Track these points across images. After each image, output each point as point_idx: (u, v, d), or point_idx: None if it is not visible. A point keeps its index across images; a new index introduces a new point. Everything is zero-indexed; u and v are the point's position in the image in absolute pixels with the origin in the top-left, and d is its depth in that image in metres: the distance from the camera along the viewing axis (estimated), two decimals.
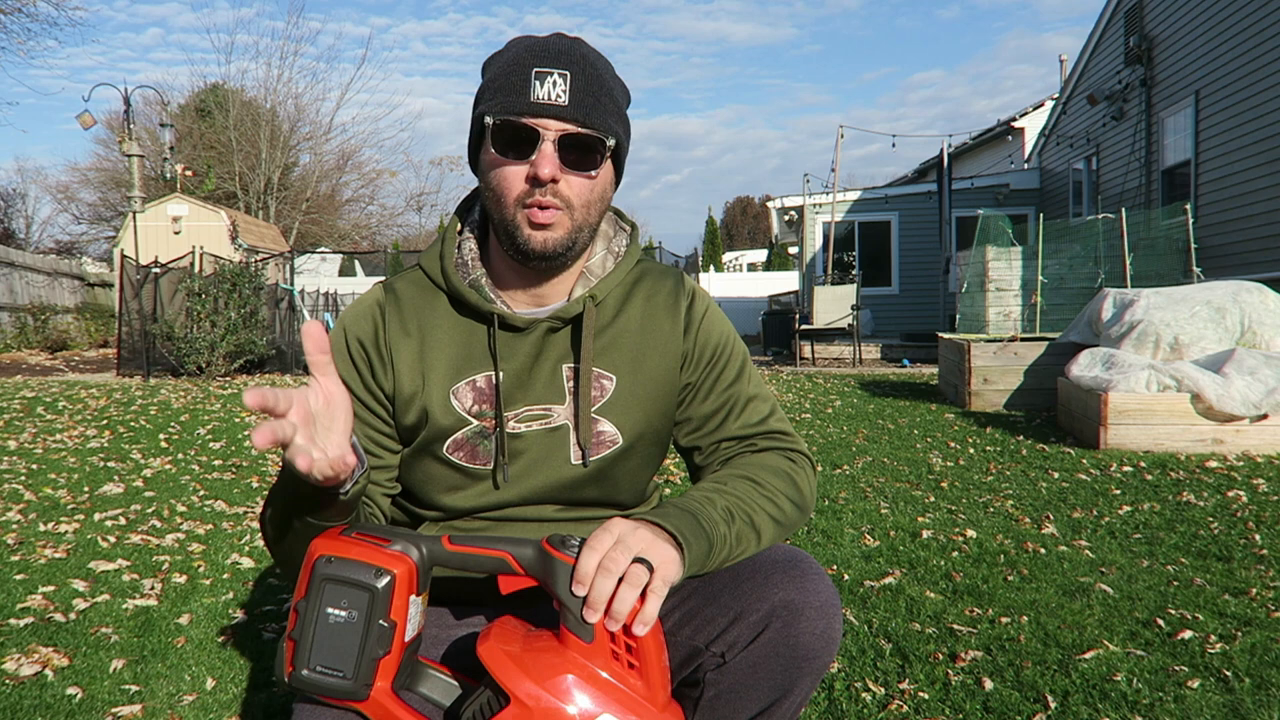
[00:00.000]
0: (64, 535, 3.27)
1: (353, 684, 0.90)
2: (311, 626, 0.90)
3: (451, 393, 1.15)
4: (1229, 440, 4.53)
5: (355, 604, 0.89)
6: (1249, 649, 2.07)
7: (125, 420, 6.39)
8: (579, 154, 1.07)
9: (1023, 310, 10.25)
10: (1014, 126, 17.20)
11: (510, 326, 1.14)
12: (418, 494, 1.20)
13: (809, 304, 12.93)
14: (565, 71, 1.05)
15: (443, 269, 1.17)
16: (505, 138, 1.06)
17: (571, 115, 1.04)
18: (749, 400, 1.23)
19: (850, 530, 3.22)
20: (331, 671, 0.90)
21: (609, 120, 1.08)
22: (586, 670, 0.88)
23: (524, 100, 1.04)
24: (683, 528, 0.97)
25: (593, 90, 1.07)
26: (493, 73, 1.09)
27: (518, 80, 1.05)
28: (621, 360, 1.18)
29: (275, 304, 11.76)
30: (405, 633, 0.92)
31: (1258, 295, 5.22)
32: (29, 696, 1.93)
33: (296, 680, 0.90)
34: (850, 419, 6.17)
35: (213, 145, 27.38)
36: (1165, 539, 3.02)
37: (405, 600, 0.91)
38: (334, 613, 0.90)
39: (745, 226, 57.33)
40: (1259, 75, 8.77)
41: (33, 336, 15.34)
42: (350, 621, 0.89)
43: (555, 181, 1.05)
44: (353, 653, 0.90)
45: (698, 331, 1.22)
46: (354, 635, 0.89)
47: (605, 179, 1.12)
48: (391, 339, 1.15)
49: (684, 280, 1.26)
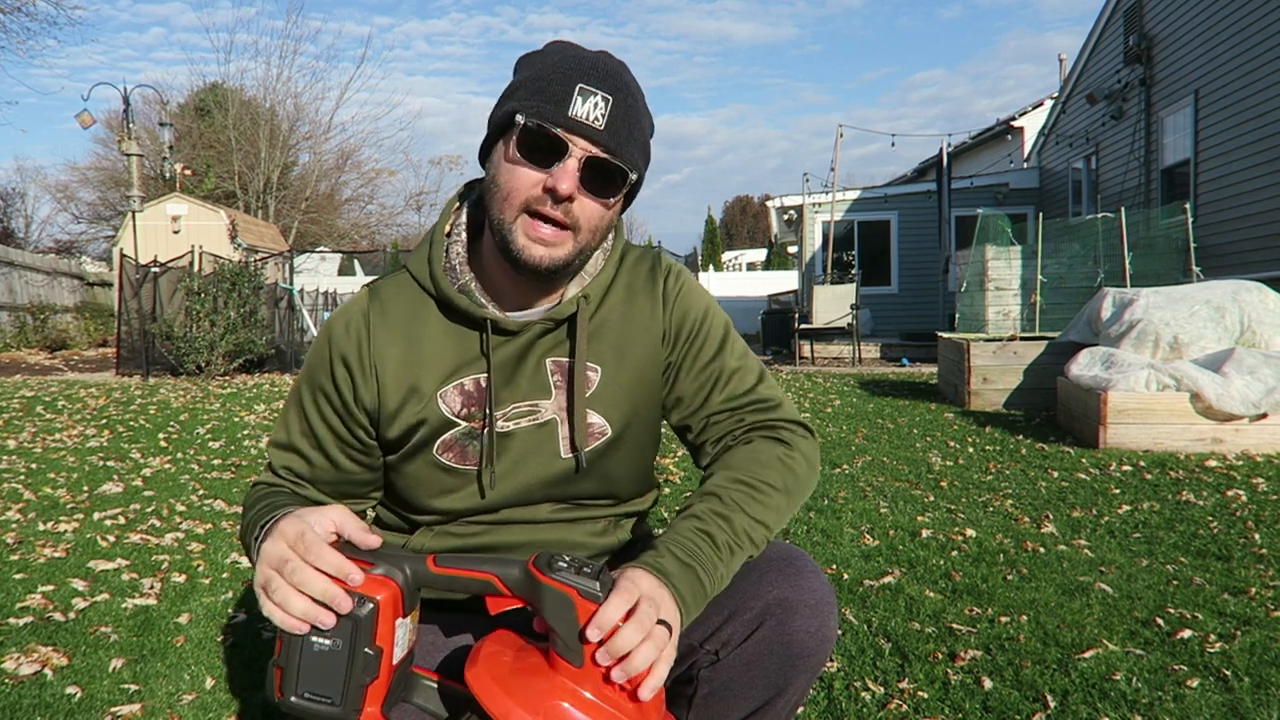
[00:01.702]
0: (63, 534, 3.26)
1: (341, 710, 0.89)
2: (297, 655, 0.89)
3: (439, 396, 1.13)
4: (1228, 439, 4.53)
5: (339, 632, 0.88)
6: (1248, 648, 2.07)
7: (124, 419, 6.39)
8: (601, 180, 1.05)
9: (1022, 309, 10.25)
10: (1013, 126, 17.20)
11: (503, 331, 1.13)
12: (409, 498, 1.19)
13: (808, 303, 12.93)
14: (609, 95, 1.03)
15: (431, 274, 1.14)
16: (532, 142, 1.03)
17: (604, 140, 1.03)
18: (734, 372, 1.21)
19: (849, 529, 3.22)
20: (319, 698, 0.89)
21: (635, 153, 1.08)
22: (577, 696, 0.86)
23: (562, 111, 1.02)
24: (685, 592, 0.96)
25: (629, 121, 1.06)
26: (532, 73, 1.06)
27: (559, 89, 1.03)
28: (605, 350, 1.17)
29: (274, 303, 11.76)
30: (393, 656, 0.91)
31: (1257, 294, 5.22)
32: (28, 696, 1.93)
33: (285, 706, 0.90)
34: (850, 418, 6.17)
35: (212, 144, 27.37)
36: (1165, 538, 3.02)
37: (390, 625, 0.90)
38: (318, 641, 0.88)
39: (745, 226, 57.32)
40: (1258, 75, 8.77)
41: (32, 336, 15.33)
42: (335, 649, 0.88)
43: (571, 200, 1.04)
44: (339, 680, 0.89)
45: (674, 306, 1.21)
46: (339, 662, 0.88)
47: (617, 208, 1.12)
48: (377, 351, 1.13)
49: (660, 259, 1.24)
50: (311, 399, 1.16)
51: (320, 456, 1.16)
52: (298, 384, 1.19)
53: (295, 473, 1.17)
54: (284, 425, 1.19)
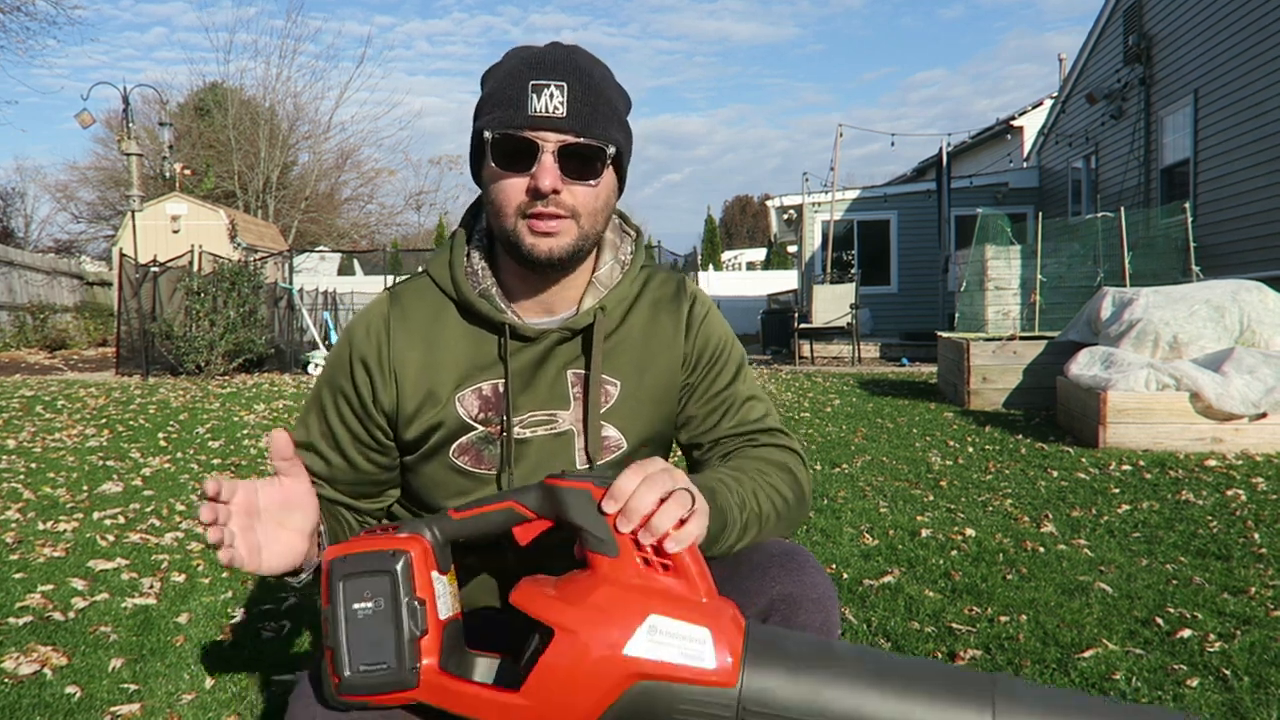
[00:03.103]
0: (63, 534, 3.26)
1: (399, 672, 0.87)
2: (342, 627, 0.88)
3: (457, 399, 1.16)
4: (1228, 439, 4.53)
5: (379, 591, 0.88)
6: (1248, 647, 2.07)
7: (124, 419, 6.39)
8: (580, 164, 1.07)
9: (1022, 309, 10.25)
10: (1013, 125, 17.20)
11: (521, 336, 1.15)
12: (426, 500, 1.22)
13: (808, 303, 12.92)
14: (562, 82, 1.05)
15: (453, 278, 1.17)
16: (505, 151, 1.07)
17: (570, 126, 1.05)
18: (746, 400, 1.25)
19: (849, 529, 3.22)
20: (375, 667, 0.87)
21: (608, 128, 1.09)
22: (620, 582, 0.85)
23: (522, 114, 1.05)
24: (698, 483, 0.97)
25: (590, 100, 1.07)
26: (490, 86, 1.10)
27: (515, 93, 1.06)
28: (626, 366, 1.20)
29: (274, 303, 11.75)
30: (438, 611, 0.90)
31: (1257, 294, 5.22)
32: (28, 695, 1.93)
33: (345, 687, 0.88)
34: (849, 418, 6.17)
35: (211, 144, 27.36)
36: (1164, 538, 3.02)
37: (428, 577, 0.89)
38: (360, 607, 0.88)
39: (744, 226, 57.32)
40: (1258, 74, 8.77)
41: (32, 335, 15.32)
42: (379, 610, 0.88)
43: (556, 193, 1.06)
44: (390, 640, 0.87)
45: (698, 334, 1.24)
46: (386, 622, 0.87)
47: (608, 186, 1.13)
48: (397, 354, 1.16)
49: (685, 284, 1.28)
50: (332, 401, 1.19)
51: (338, 457, 1.20)
52: (318, 385, 1.22)
53: (313, 472, 1.19)
54: (304, 425, 1.22)
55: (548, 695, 0.83)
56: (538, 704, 0.83)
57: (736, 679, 0.80)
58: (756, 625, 0.87)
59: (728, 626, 0.83)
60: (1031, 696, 0.80)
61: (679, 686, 0.81)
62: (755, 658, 0.82)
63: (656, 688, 0.81)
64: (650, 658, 0.81)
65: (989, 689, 0.80)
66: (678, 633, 0.82)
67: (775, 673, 0.81)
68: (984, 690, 0.80)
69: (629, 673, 0.81)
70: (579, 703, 0.82)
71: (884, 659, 0.84)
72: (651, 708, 0.81)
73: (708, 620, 0.82)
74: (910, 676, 0.81)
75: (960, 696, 0.79)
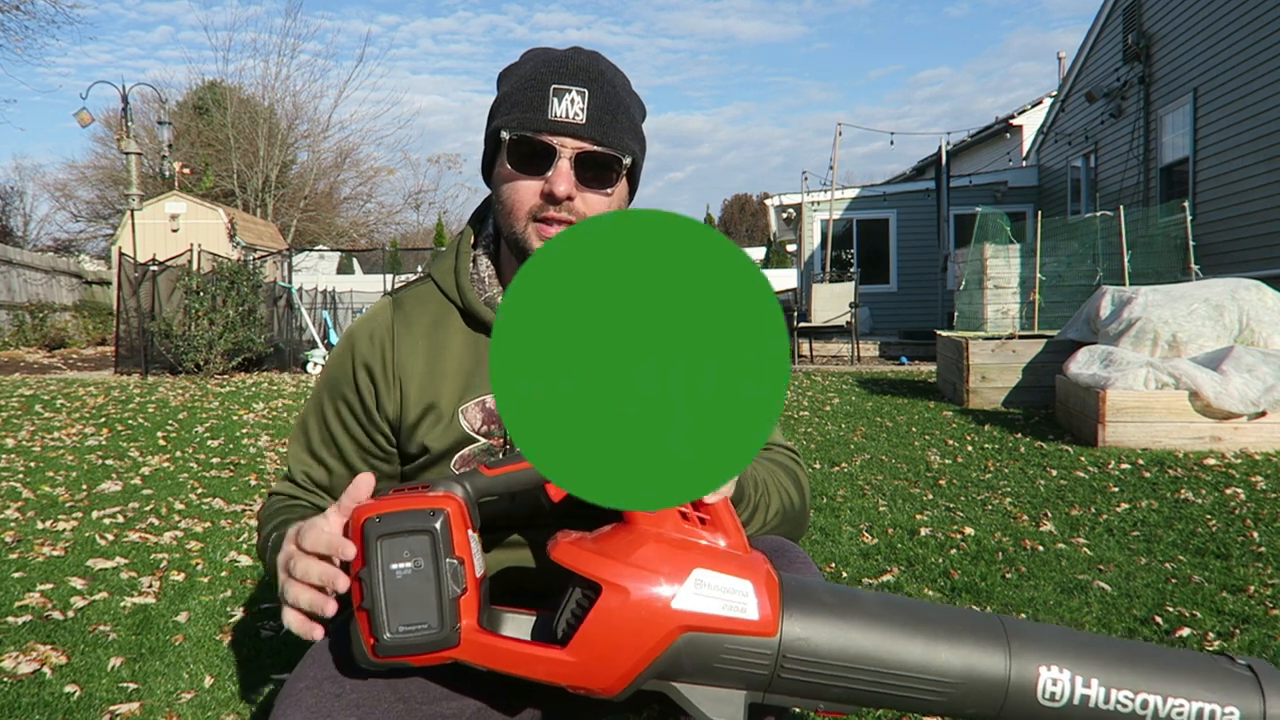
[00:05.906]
0: (62, 533, 3.26)
1: (441, 631, 0.86)
2: (380, 588, 0.86)
3: (460, 411, 1.14)
4: (1227, 438, 4.54)
5: (418, 550, 0.87)
6: (1247, 646, 2.07)
7: (123, 418, 6.38)
8: (595, 172, 1.07)
9: (1021, 308, 10.25)
10: (1012, 124, 17.21)
11: None
12: None
13: (807, 302, 12.92)
14: (584, 89, 1.05)
15: (458, 284, 1.16)
16: (521, 153, 1.06)
17: (589, 134, 1.05)
18: None
19: (848, 528, 3.22)
20: (415, 627, 0.86)
21: (625, 138, 1.08)
22: (663, 536, 0.86)
23: (541, 117, 1.04)
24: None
25: (610, 108, 1.07)
26: (510, 86, 1.09)
27: (535, 96, 1.05)
28: None
29: (273, 302, 11.74)
30: (475, 569, 0.89)
31: (1256, 293, 5.23)
32: (27, 694, 1.93)
33: (383, 649, 0.86)
34: (848, 416, 6.17)
35: (210, 143, 27.33)
36: (1163, 536, 3.02)
37: (465, 536, 0.89)
38: (399, 567, 0.86)
39: (743, 224, 57.31)
40: (1257, 73, 8.77)
41: (31, 334, 15.31)
42: (419, 569, 0.87)
43: (570, 199, 1.06)
44: (431, 600, 0.86)
45: None
46: (426, 582, 0.86)
47: (620, 196, 1.13)
48: (401, 361, 1.14)
49: None
50: (333, 407, 1.17)
51: (340, 465, 1.18)
52: (317, 391, 1.20)
53: (314, 479, 1.18)
54: (303, 432, 1.20)
55: (596, 649, 0.84)
56: (584, 659, 0.84)
57: (776, 628, 0.83)
58: (787, 576, 0.89)
59: (766, 578, 0.85)
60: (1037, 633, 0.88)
61: (724, 637, 0.83)
62: (791, 607, 0.85)
63: (702, 639, 0.83)
64: (697, 610, 0.83)
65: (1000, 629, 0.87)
66: (722, 585, 0.84)
67: (810, 621, 0.84)
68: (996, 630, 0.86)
69: (677, 625, 0.83)
70: (626, 656, 0.83)
71: (906, 604, 0.88)
72: (695, 658, 0.84)
73: (749, 573, 0.85)
74: (931, 619, 0.86)
75: (977, 636, 0.85)
